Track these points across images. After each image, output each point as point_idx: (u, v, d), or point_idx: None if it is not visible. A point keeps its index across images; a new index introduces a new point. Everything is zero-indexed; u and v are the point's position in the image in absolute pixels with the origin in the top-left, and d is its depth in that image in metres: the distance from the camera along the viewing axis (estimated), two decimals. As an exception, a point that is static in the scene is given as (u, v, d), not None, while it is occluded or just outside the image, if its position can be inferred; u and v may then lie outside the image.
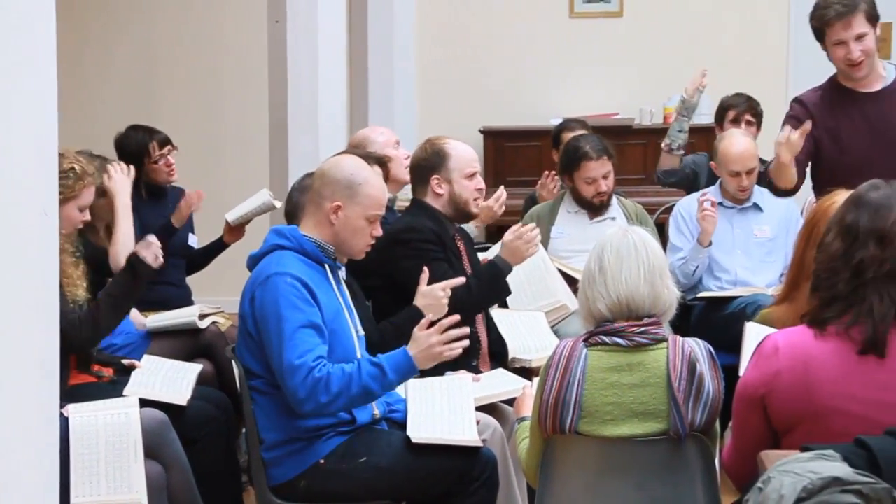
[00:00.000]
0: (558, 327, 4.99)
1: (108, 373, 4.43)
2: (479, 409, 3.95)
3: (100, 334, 4.17)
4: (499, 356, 4.59)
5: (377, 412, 3.81)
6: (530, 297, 5.02)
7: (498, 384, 4.23)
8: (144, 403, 3.98)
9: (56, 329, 2.79)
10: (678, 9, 9.05)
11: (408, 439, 3.68)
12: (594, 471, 3.18)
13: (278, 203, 5.15)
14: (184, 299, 5.46)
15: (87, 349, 4.27)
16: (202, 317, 4.97)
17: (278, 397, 3.64)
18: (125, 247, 4.71)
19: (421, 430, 3.72)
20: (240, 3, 8.51)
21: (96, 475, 3.69)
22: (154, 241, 4.17)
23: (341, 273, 3.88)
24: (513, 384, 4.18)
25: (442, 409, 3.84)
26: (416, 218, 4.51)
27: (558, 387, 3.12)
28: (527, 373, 4.48)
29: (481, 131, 8.71)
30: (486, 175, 7.62)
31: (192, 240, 5.60)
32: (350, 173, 3.78)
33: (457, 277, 4.34)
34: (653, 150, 8.14)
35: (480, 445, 3.72)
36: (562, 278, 5.23)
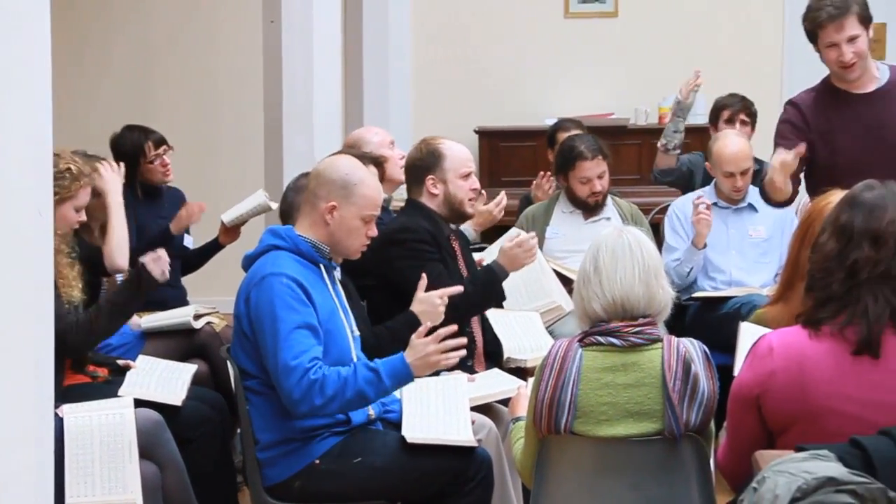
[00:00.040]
0: (554, 328, 4.98)
1: (102, 373, 4.42)
2: (474, 409, 3.95)
3: (96, 339, 4.16)
4: (494, 356, 4.59)
5: (372, 412, 3.81)
6: (525, 297, 5.01)
7: (493, 384, 4.23)
8: (139, 404, 3.98)
9: (51, 329, 2.80)
10: (673, 9, 9.05)
11: (403, 439, 3.68)
12: (589, 471, 3.18)
13: (274, 205, 5.14)
14: (179, 299, 5.45)
15: (82, 353, 4.27)
16: (197, 317, 4.96)
17: (273, 398, 3.63)
18: (120, 246, 4.70)
19: (416, 430, 3.72)
20: (235, 4, 8.49)
21: (91, 475, 3.69)
22: (164, 256, 4.15)
23: (336, 273, 3.88)
24: (508, 384, 4.18)
25: (437, 409, 3.84)
26: (411, 218, 4.51)
27: (553, 387, 3.12)
28: (522, 373, 4.47)
29: (476, 131, 8.70)
30: (480, 175, 7.60)
31: (187, 240, 5.58)
32: (345, 173, 3.78)
33: (451, 277, 4.35)
34: (648, 151, 8.14)
35: (475, 445, 3.72)
36: (557, 279, 5.22)
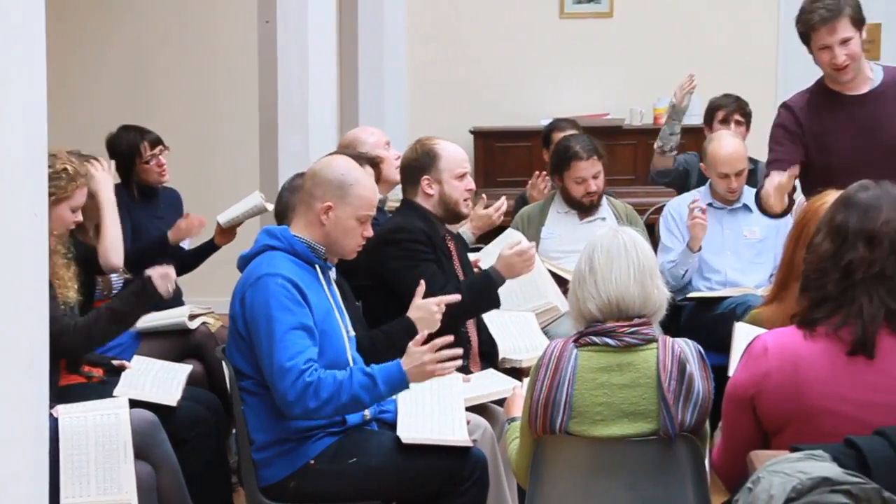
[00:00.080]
0: (549, 328, 4.98)
1: (97, 373, 4.42)
2: (469, 409, 3.95)
3: (93, 345, 4.13)
4: (489, 356, 4.59)
5: (367, 413, 3.80)
6: (521, 298, 5.01)
7: (488, 384, 4.23)
8: (134, 404, 3.98)
9: (46, 330, 2.79)
10: (668, 9, 9.05)
11: (398, 439, 3.68)
12: (584, 471, 3.18)
13: (270, 206, 5.13)
14: (174, 300, 5.44)
15: (78, 356, 4.25)
16: (192, 317, 4.96)
17: (268, 398, 3.63)
18: (114, 244, 4.69)
19: (411, 430, 3.72)
20: (230, 3, 8.49)
21: (86, 476, 3.69)
22: (172, 273, 4.12)
23: (332, 273, 3.88)
24: (503, 384, 4.18)
25: (432, 409, 3.84)
26: (406, 218, 4.51)
27: (548, 387, 3.12)
28: (517, 373, 4.48)
29: (471, 132, 8.70)
30: (476, 175, 7.61)
31: (183, 241, 5.58)
32: (341, 174, 3.78)
33: (446, 278, 4.35)
34: (643, 151, 8.15)
35: (470, 446, 3.72)
36: (552, 280, 5.22)
